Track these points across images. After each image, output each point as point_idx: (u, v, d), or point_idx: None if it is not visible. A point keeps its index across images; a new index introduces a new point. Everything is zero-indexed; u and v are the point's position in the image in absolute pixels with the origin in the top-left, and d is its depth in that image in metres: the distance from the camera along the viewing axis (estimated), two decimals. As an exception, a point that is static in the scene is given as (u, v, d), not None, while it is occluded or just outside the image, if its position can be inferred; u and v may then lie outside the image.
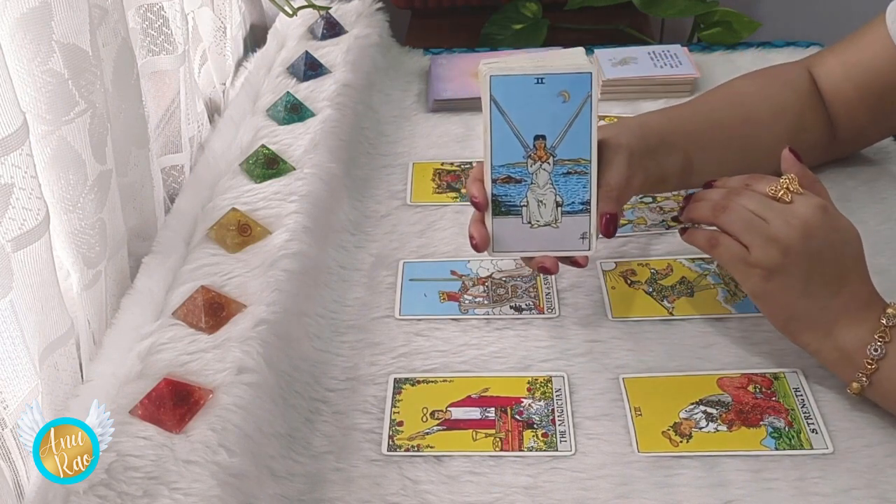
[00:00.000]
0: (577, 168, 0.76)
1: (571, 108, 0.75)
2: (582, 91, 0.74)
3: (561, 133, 0.75)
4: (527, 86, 0.74)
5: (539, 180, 0.76)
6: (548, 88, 0.74)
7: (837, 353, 0.71)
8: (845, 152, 0.98)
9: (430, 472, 0.70)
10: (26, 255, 0.61)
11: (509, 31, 1.58)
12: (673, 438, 0.71)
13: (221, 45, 1.12)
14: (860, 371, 0.69)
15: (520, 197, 0.77)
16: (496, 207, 0.77)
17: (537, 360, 0.79)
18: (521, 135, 0.75)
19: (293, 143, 0.97)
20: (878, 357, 0.69)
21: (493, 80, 0.74)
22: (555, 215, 0.77)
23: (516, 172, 0.76)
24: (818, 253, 0.70)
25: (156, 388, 0.66)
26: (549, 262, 0.78)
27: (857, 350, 0.70)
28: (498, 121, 0.75)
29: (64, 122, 0.66)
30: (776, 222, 0.70)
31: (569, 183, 0.76)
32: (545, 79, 0.74)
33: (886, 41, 0.88)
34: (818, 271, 0.70)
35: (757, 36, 1.36)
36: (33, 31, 0.62)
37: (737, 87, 0.94)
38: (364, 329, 0.83)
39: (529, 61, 0.76)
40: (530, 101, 0.75)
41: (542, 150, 0.76)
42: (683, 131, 0.86)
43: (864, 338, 0.69)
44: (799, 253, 0.70)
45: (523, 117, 0.75)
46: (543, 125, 0.75)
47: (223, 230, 0.84)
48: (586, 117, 0.75)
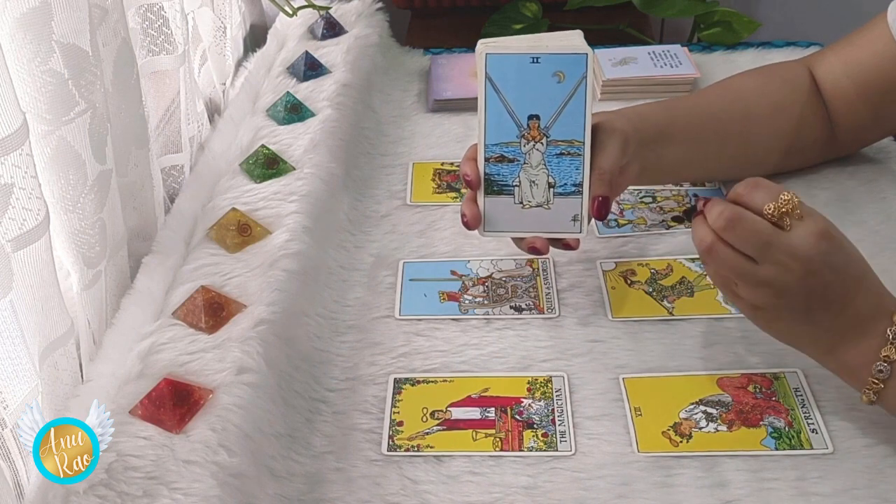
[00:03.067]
0: (570, 150, 0.76)
1: (566, 88, 0.75)
2: (577, 72, 0.74)
3: (555, 113, 0.75)
4: (522, 65, 0.74)
5: (532, 160, 0.76)
6: (543, 68, 0.74)
7: (841, 369, 0.69)
8: (845, 151, 0.98)
9: (430, 472, 0.70)
10: (26, 255, 0.61)
11: (509, 32, 1.57)
12: (673, 438, 0.71)
13: (221, 45, 1.12)
14: (865, 387, 0.67)
15: (512, 176, 0.77)
16: (488, 186, 0.77)
17: (537, 360, 0.79)
18: (515, 114, 0.75)
19: (293, 143, 0.97)
20: (884, 377, 0.66)
21: (488, 58, 0.74)
22: (547, 196, 0.77)
23: (509, 152, 0.76)
24: (821, 284, 0.66)
25: (156, 388, 0.66)
26: (540, 242, 0.78)
27: (863, 367, 0.66)
28: (492, 99, 0.75)
29: (64, 122, 0.66)
30: (768, 265, 0.65)
31: (562, 164, 0.76)
32: (541, 58, 0.74)
33: (887, 40, 0.88)
34: (819, 299, 0.66)
35: (757, 36, 1.36)
36: (33, 31, 0.62)
37: (736, 84, 0.94)
38: (364, 329, 0.83)
39: (526, 41, 0.77)
40: (525, 81, 0.75)
41: (535, 130, 0.75)
42: (682, 124, 0.86)
43: (869, 355, 0.66)
44: (795, 291, 0.66)
45: (518, 96, 0.75)
46: (538, 105, 0.75)
47: (223, 230, 0.84)
48: (581, 98, 0.75)
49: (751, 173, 0.95)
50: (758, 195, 0.67)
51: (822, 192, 0.95)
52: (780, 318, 0.68)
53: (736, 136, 0.90)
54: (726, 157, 0.91)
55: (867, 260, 0.69)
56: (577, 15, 1.62)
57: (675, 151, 0.84)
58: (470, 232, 0.80)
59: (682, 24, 1.78)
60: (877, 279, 0.68)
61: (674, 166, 0.86)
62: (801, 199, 0.66)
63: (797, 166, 0.96)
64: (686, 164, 0.87)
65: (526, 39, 0.78)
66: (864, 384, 0.67)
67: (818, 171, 0.97)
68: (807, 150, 0.95)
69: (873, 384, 0.66)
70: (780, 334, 0.70)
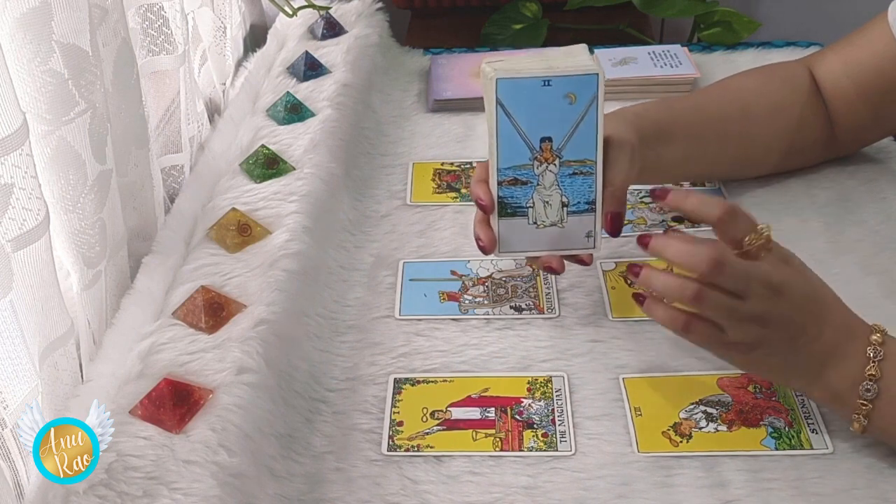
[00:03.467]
0: (582, 169, 0.75)
1: (578, 109, 0.74)
2: (588, 92, 0.73)
3: (567, 134, 0.74)
4: (534, 88, 0.73)
5: (545, 181, 0.76)
6: (555, 90, 0.73)
7: (829, 395, 0.68)
8: (845, 151, 0.98)
9: (430, 472, 0.70)
10: (26, 255, 0.61)
11: (509, 31, 1.58)
12: (673, 438, 0.71)
13: (221, 45, 1.12)
14: (855, 412, 0.66)
15: (526, 198, 0.76)
16: (502, 209, 0.76)
17: (537, 360, 0.79)
18: (527, 137, 0.74)
19: (293, 143, 0.97)
20: (871, 398, 0.65)
21: (499, 82, 0.73)
22: (560, 215, 0.77)
23: (522, 174, 0.75)
24: (797, 308, 0.66)
25: (156, 388, 0.66)
26: (556, 262, 0.78)
27: (849, 390, 0.66)
28: (504, 123, 0.74)
29: (64, 122, 0.66)
30: (754, 299, 0.65)
31: (574, 183, 0.76)
32: (552, 81, 0.73)
33: (888, 39, 0.88)
34: (798, 325, 0.66)
35: (757, 36, 1.36)
36: (33, 31, 0.62)
37: (736, 83, 0.94)
38: (364, 329, 0.83)
39: (533, 61, 0.75)
40: (537, 104, 0.73)
41: (548, 152, 0.75)
42: (682, 123, 0.86)
43: (854, 376, 0.66)
44: (778, 318, 0.66)
45: (530, 120, 0.74)
46: (550, 127, 0.74)
47: (223, 230, 0.84)
48: (592, 118, 0.74)
49: (751, 173, 0.96)
50: (739, 226, 0.67)
51: (822, 192, 0.95)
52: (772, 352, 0.67)
53: (736, 135, 0.90)
54: (726, 156, 0.91)
55: (868, 260, 0.69)
56: (577, 15, 1.62)
57: (675, 151, 0.84)
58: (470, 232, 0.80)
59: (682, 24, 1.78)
60: (842, 303, 0.69)
61: (674, 166, 0.86)
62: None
63: (797, 166, 0.96)
64: (686, 164, 0.87)
65: (531, 59, 0.76)
66: (854, 408, 0.66)
67: (818, 171, 0.97)
68: (807, 150, 0.95)
69: (861, 406, 0.66)
70: (774, 371, 0.69)
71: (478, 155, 1.05)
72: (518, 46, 1.50)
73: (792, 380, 0.70)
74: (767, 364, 0.68)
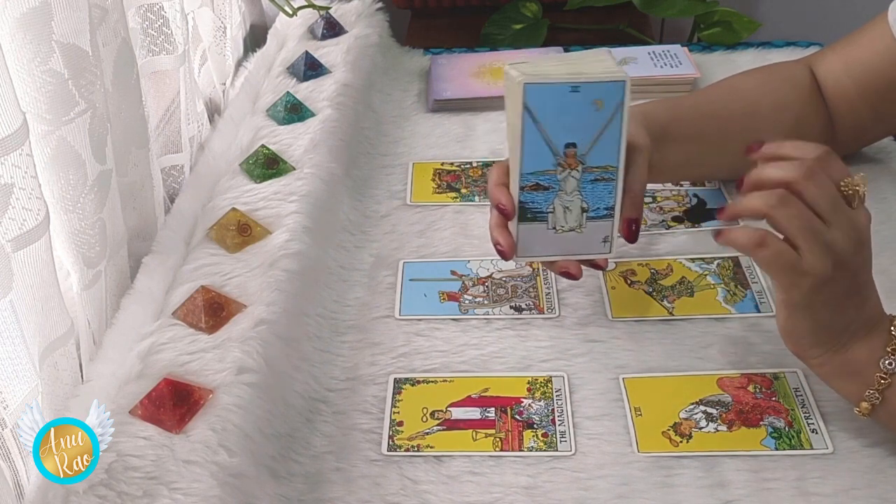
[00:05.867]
0: (604, 175, 0.74)
1: (604, 116, 0.72)
2: (615, 99, 0.72)
3: (592, 141, 0.73)
4: (562, 94, 0.71)
5: (567, 187, 0.74)
6: (583, 97, 0.71)
7: (846, 368, 0.68)
8: (845, 151, 0.98)
9: (430, 472, 0.70)
10: (26, 255, 0.61)
11: (509, 31, 1.58)
12: (673, 438, 0.71)
13: (221, 45, 1.12)
14: (870, 387, 0.66)
15: (546, 204, 0.75)
16: (522, 214, 0.75)
17: (537, 360, 0.79)
18: (552, 143, 0.73)
19: (293, 143, 0.97)
20: (892, 371, 0.66)
21: (527, 88, 0.71)
22: (580, 221, 0.76)
23: (545, 180, 0.74)
24: (860, 269, 0.67)
25: (156, 388, 0.66)
26: (574, 267, 0.77)
27: (870, 364, 0.66)
28: (530, 128, 0.72)
29: (64, 122, 0.66)
30: (837, 230, 0.65)
31: (596, 189, 0.75)
32: (581, 87, 0.71)
33: (888, 39, 0.88)
34: (860, 284, 0.67)
35: (757, 36, 1.36)
36: (33, 31, 0.62)
37: (737, 83, 0.94)
38: (364, 329, 0.83)
39: (557, 65, 0.73)
40: (564, 110, 0.72)
41: (572, 158, 0.73)
42: (684, 123, 0.86)
43: (876, 352, 0.66)
44: (848, 268, 0.65)
45: (556, 125, 0.72)
46: (575, 133, 0.73)
47: (223, 230, 0.84)
48: (617, 125, 0.72)
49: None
50: (835, 167, 0.67)
51: (823, 191, 0.95)
52: (826, 301, 0.66)
53: (737, 135, 0.90)
54: (727, 156, 0.91)
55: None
56: (577, 15, 1.63)
57: (678, 150, 0.84)
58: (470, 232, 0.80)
59: (682, 24, 1.78)
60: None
61: (675, 165, 0.86)
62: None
63: (797, 166, 0.96)
64: (687, 163, 0.87)
65: (556, 63, 0.74)
66: (869, 384, 0.66)
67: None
68: (807, 150, 0.95)
69: (880, 380, 0.66)
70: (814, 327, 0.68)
71: (478, 155, 1.06)
72: (518, 46, 1.50)
73: (823, 340, 0.68)
74: (813, 316, 0.67)
